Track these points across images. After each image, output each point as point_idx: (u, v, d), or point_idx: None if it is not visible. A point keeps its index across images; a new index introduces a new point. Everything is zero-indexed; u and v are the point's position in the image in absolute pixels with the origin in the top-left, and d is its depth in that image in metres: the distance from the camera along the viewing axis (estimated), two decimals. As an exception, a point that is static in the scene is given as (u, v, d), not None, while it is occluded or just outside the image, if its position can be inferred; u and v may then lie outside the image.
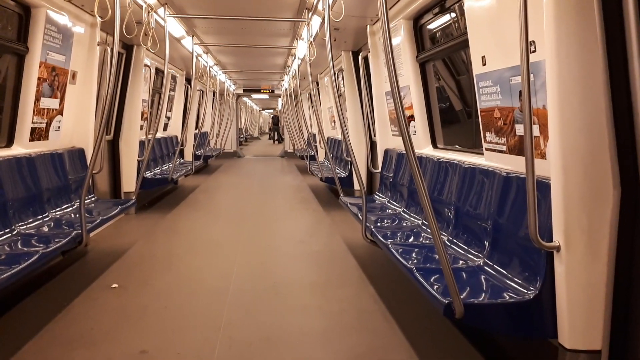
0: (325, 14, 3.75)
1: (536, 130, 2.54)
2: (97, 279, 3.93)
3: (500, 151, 2.99)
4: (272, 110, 34.39)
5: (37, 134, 4.38)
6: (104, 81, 5.32)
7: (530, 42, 2.31)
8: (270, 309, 3.39)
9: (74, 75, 4.78)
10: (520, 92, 2.68)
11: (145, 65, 6.72)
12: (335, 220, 6.28)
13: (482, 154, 3.32)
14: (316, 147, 10.47)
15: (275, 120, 27.62)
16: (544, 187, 2.31)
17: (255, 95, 18.56)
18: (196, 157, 9.78)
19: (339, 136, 9.02)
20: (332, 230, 5.84)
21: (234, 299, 3.56)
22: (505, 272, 2.66)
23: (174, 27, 6.34)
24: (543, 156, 2.50)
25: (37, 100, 4.25)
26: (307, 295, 3.70)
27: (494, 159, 3.09)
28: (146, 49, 5.89)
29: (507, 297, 2.40)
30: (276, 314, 3.31)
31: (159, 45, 5.38)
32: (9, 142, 4.21)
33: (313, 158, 9.70)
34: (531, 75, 2.05)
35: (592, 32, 1.99)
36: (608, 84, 2.01)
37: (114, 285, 3.77)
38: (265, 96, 18.50)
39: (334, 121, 9.92)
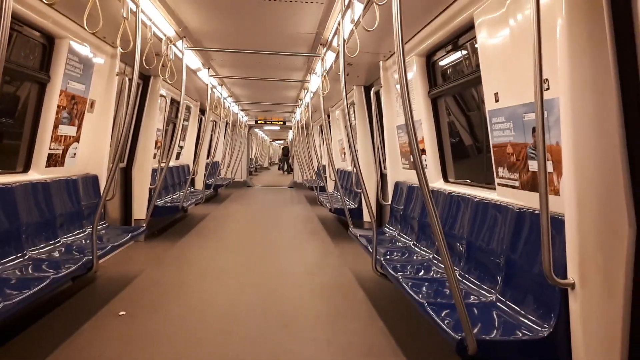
0: (340, 50, 3.84)
1: (550, 167, 2.55)
2: (105, 305, 3.92)
3: (513, 187, 3.00)
4: (282, 141, 34.69)
5: (54, 160, 4.46)
6: (121, 110, 5.43)
7: (544, 79, 2.35)
8: (279, 340, 3.35)
9: (92, 104, 4.89)
10: (533, 128, 2.70)
11: (161, 96, 6.86)
12: (343, 252, 6.25)
13: (493, 188, 3.33)
14: (326, 178, 10.51)
15: (285, 151, 27.88)
16: (557, 223, 2.30)
17: (266, 127, 18.79)
18: (207, 186, 9.82)
19: (349, 168, 9.06)
20: (340, 262, 5.81)
21: (242, 328, 3.54)
22: (518, 309, 2.63)
23: (191, 59, 6.50)
24: (556, 192, 2.50)
25: (55, 127, 4.34)
26: (316, 327, 3.66)
27: (506, 195, 3.09)
28: (163, 79, 6.03)
29: (521, 334, 2.36)
30: (284, 345, 3.28)
31: (176, 76, 5.50)
32: (26, 168, 4.28)
33: (322, 189, 9.74)
34: (545, 113, 2.07)
35: (606, 70, 2.02)
36: (622, 121, 2.03)
37: (121, 313, 3.76)
38: (277, 127, 18.72)
39: (344, 153, 9.99)
